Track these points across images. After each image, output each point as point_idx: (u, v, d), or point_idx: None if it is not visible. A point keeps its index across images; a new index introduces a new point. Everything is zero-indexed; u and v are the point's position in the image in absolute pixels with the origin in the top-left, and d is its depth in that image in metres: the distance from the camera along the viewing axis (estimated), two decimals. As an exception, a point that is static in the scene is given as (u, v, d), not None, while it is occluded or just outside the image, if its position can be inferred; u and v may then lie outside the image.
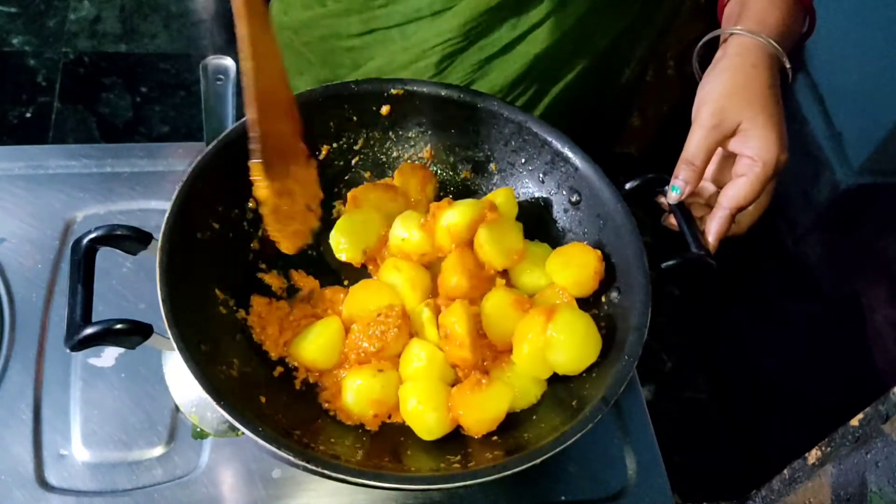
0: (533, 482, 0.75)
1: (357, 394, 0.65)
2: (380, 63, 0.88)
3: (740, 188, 0.67)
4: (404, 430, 0.66)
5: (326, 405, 0.67)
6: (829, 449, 0.74)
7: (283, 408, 0.64)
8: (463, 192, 0.82)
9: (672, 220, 0.71)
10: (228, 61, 0.85)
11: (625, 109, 1.12)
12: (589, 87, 0.92)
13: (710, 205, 0.73)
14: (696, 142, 0.67)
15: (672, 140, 0.72)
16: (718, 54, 0.71)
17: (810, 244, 1.50)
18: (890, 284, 1.35)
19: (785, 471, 0.78)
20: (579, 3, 0.82)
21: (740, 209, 0.68)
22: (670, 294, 1.80)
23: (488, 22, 0.83)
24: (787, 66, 0.70)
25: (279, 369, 0.68)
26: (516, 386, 0.67)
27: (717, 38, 0.74)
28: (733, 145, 0.68)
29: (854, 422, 0.72)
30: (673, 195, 0.68)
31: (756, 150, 0.66)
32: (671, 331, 1.76)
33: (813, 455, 0.75)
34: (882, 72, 1.28)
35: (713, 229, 0.68)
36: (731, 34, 0.70)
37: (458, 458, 0.63)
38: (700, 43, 0.74)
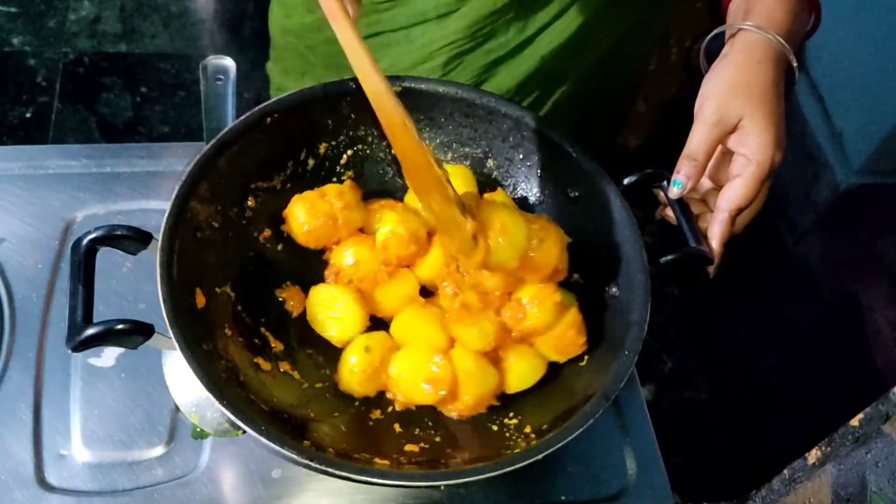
0: (533, 482, 0.75)
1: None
2: (385, 65, 0.88)
3: (737, 190, 0.67)
4: (402, 431, 0.66)
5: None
6: (829, 449, 0.74)
7: (285, 406, 0.64)
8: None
9: (668, 213, 0.71)
10: (228, 61, 0.85)
11: (628, 100, 1.12)
12: (594, 85, 0.91)
13: (704, 201, 0.73)
14: (697, 138, 0.67)
15: (675, 127, 0.72)
16: (725, 50, 0.70)
17: (810, 244, 1.49)
18: (890, 284, 1.35)
19: (785, 471, 0.78)
20: (587, 4, 0.82)
21: (740, 211, 0.67)
22: (670, 294, 1.80)
23: (495, 24, 0.83)
24: (794, 63, 0.70)
25: (283, 366, 0.68)
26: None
27: (724, 33, 0.73)
28: (731, 142, 0.68)
29: (854, 422, 0.72)
30: (675, 190, 0.68)
31: (751, 149, 0.66)
32: (671, 331, 1.76)
33: (813, 455, 0.75)
34: (882, 72, 1.28)
35: (716, 233, 0.68)
36: (739, 30, 0.70)
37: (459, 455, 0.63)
38: (707, 38, 0.74)
